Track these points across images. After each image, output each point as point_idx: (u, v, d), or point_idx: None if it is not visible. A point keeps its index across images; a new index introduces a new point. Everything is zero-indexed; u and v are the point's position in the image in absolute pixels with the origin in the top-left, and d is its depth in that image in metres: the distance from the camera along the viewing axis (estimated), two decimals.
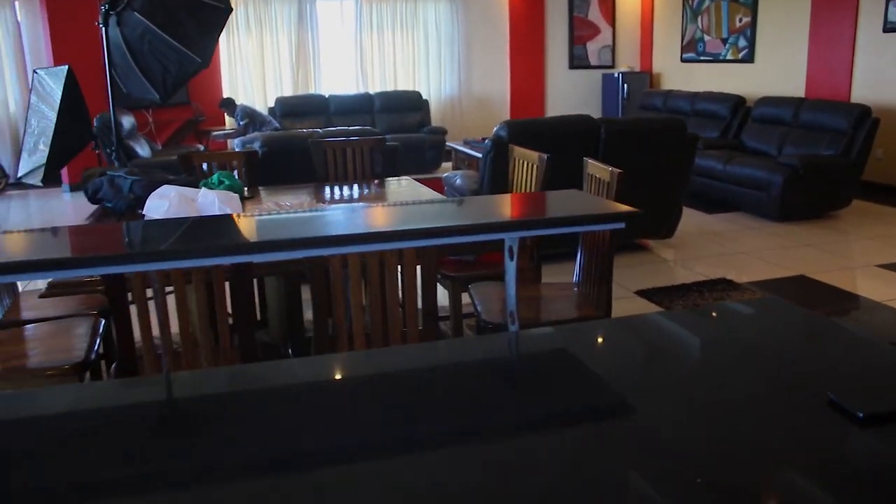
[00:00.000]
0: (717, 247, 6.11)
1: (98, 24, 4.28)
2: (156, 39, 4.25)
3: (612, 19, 11.44)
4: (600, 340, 1.71)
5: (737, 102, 8.44)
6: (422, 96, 10.30)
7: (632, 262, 5.65)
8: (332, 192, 3.97)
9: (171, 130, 9.67)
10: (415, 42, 10.69)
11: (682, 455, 1.19)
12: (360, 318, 2.23)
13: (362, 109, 9.90)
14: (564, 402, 1.42)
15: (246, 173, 4.09)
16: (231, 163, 4.12)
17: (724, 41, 9.84)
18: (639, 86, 10.88)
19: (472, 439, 1.29)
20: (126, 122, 7.83)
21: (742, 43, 9.51)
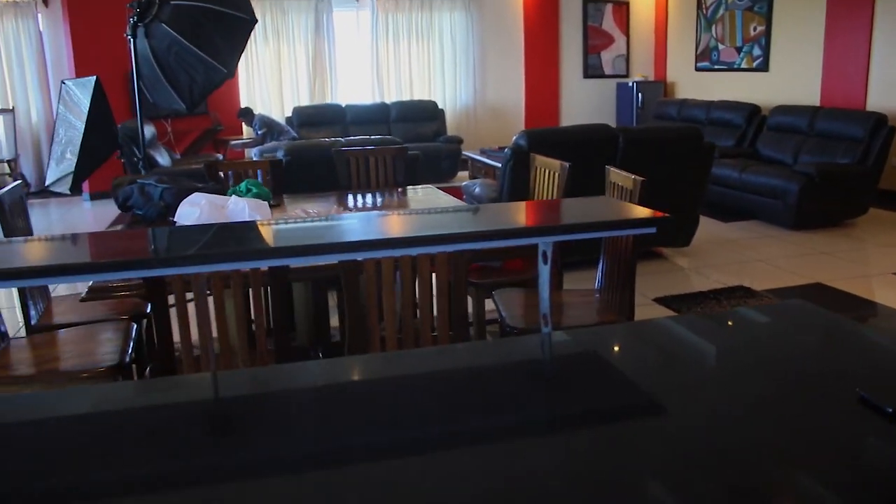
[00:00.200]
0: (734, 255, 6.13)
1: (126, 36, 4.37)
2: (183, 50, 4.34)
3: (626, 28, 11.50)
4: (632, 342, 1.76)
5: (752, 111, 8.47)
6: (437, 106, 10.38)
7: (649, 269, 5.68)
8: (356, 200, 4.03)
9: (189, 140, 9.78)
10: (430, 52, 10.78)
11: (716, 452, 1.24)
12: (393, 322, 2.29)
13: (378, 119, 9.99)
14: (600, 401, 1.47)
15: (271, 181, 4.16)
16: (256, 171, 4.19)
17: (738, 50, 9.88)
18: (653, 95, 10.92)
19: (510, 436, 1.34)
20: (147, 131, 7.93)
21: (757, 51, 9.54)
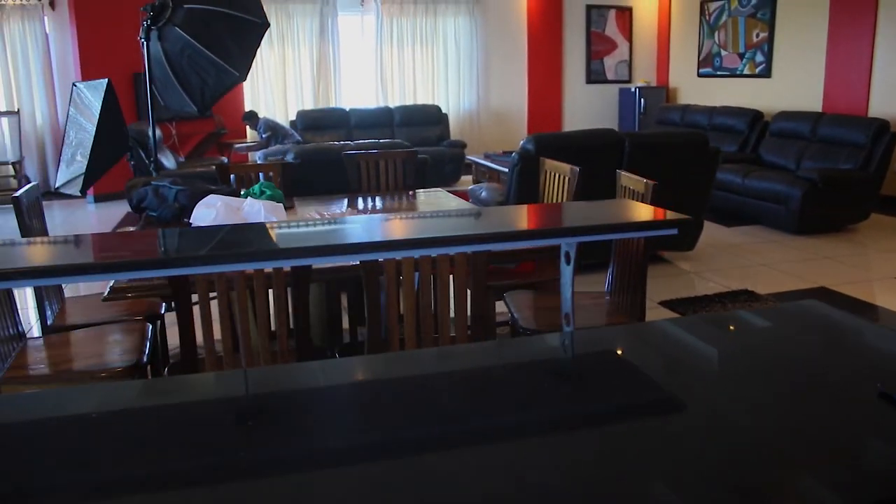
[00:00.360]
0: (737, 259, 6.18)
1: (140, 39, 4.41)
2: (195, 54, 4.38)
3: (629, 34, 11.56)
4: (652, 341, 1.79)
5: (754, 117, 8.53)
6: (441, 110, 10.43)
7: (654, 273, 5.71)
8: (368, 203, 4.07)
9: (193, 143, 9.81)
10: (434, 56, 10.83)
11: (739, 448, 1.28)
12: (412, 322, 2.33)
13: (382, 123, 10.03)
14: (625, 398, 1.51)
15: (281, 184, 4.20)
16: (267, 174, 4.23)
17: (741, 56, 9.94)
18: (655, 100, 10.98)
19: (537, 433, 1.38)
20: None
21: (759, 58, 9.60)
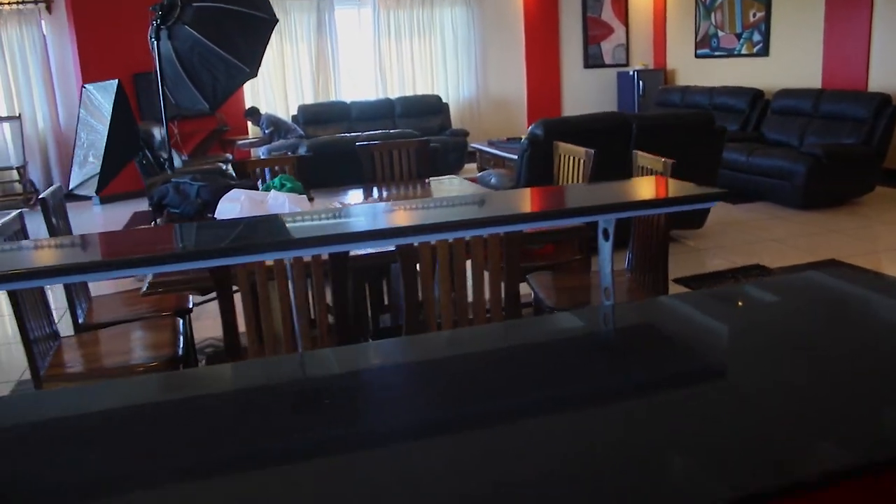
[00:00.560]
0: (745, 235, 6.23)
1: (150, 39, 4.44)
2: (206, 51, 4.41)
3: (625, 18, 11.58)
4: (688, 311, 1.84)
5: (755, 95, 8.57)
6: (441, 100, 10.46)
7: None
8: (382, 193, 4.11)
9: (196, 141, 9.83)
10: (432, 47, 10.85)
11: (788, 411, 1.32)
12: (449, 303, 2.37)
13: (384, 115, 10.06)
14: (672, 368, 1.56)
15: (297, 177, 4.23)
16: (283, 168, 4.27)
17: (738, 36, 9.96)
18: (654, 83, 11.01)
19: (587, 404, 1.43)
20: (157, 133, 8.00)
21: (756, 37, 9.63)
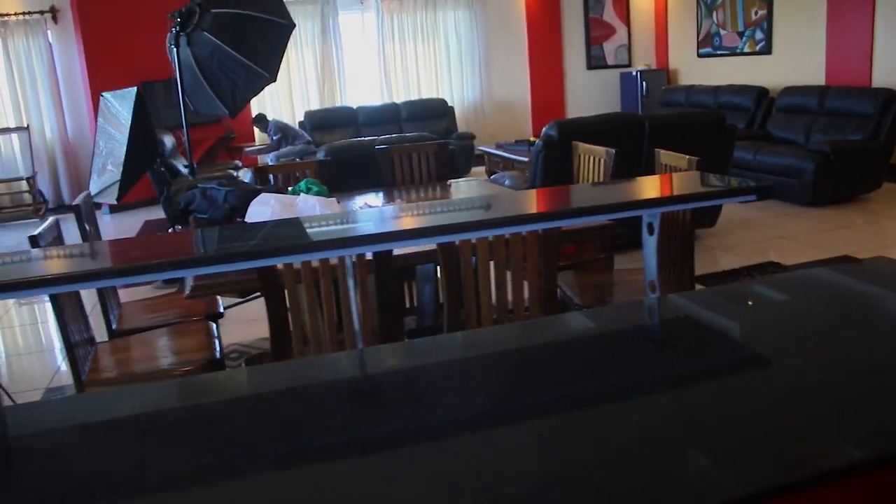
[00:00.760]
0: (756, 233, 6.28)
1: (169, 46, 4.49)
2: (225, 57, 4.46)
3: (626, 19, 11.65)
4: (723, 305, 1.88)
5: (760, 93, 8.63)
6: (447, 103, 10.51)
7: None
8: (403, 195, 4.15)
9: (203, 148, 9.87)
10: (436, 51, 10.92)
11: (828, 401, 1.37)
12: (489, 299, 2.42)
13: (390, 119, 10.11)
14: (718, 358, 1.60)
15: (319, 181, 4.28)
16: (304, 172, 4.31)
17: (740, 35, 10.02)
18: (657, 83, 11.07)
19: (641, 393, 1.47)
20: (167, 141, 8.05)
21: (759, 35, 9.69)
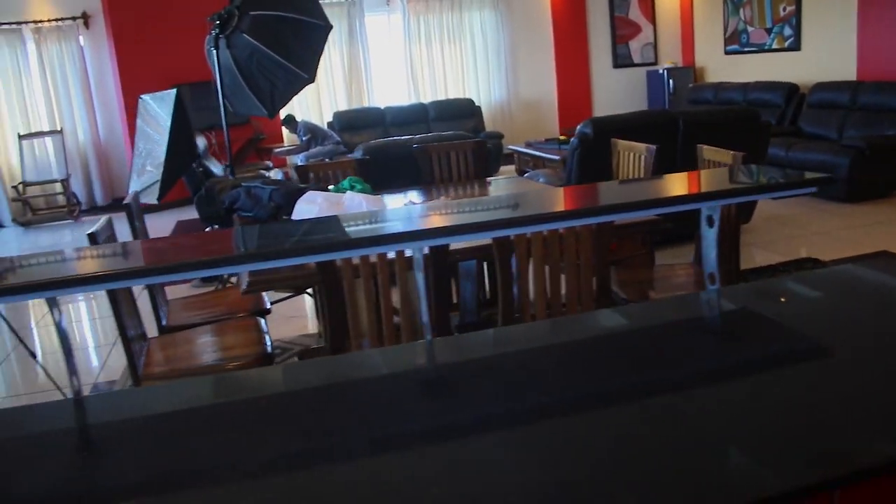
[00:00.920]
0: (791, 230, 6.25)
1: (209, 48, 4.55)
2: (264, 58, 4.51)
3: (652, 17, 11.62)
4: (785, 297, 1.89)
5: (790, 90, 8.58)
6: (474, 103, 10.54)
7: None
8: (445, 192, 4.18)
9: (233, 150, 9.95)
10: (462, 51, 10.95)
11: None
12: (543, 292, 2.44)
13: (417, 119, 10.15)
14: (786, 347, 1.61)
15: None
16: (344, 171, 4.35)
17: (768, 31, 9.96)
18: (683, 81, 11.03)
19: (709, 381, 1.49)
20: (200, 143, 8.13)
21: (787, 31, 9.63)
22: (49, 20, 9.63)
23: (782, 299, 1.86)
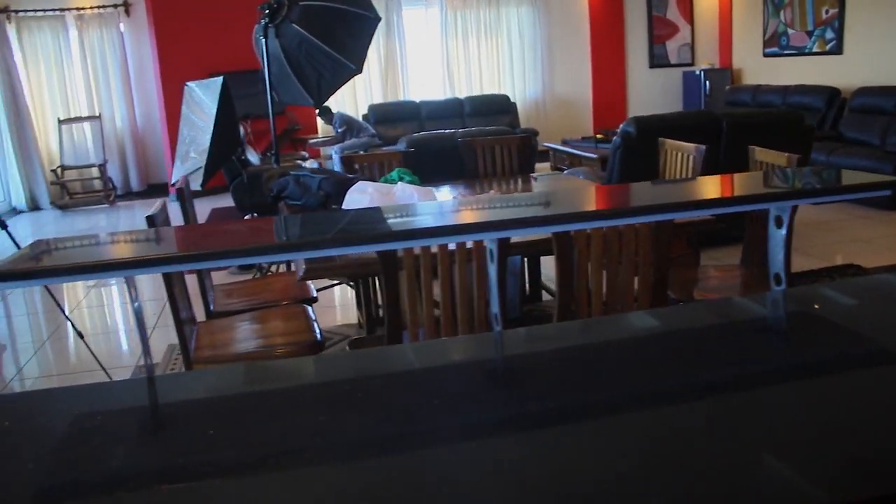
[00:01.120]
0: (830, 235, 6.18)
1: (258, 37, 4.57)
2: (312, 48, 4.53)
3: (690, 17, 11.53)
4: (850, 299, 1.87)
5: (832, 94, 8.48)
6: (509, 99, 10.52)
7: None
8: (493, 186, 4.18)
9: (268, 139, 10.02)
10: (499, 47, 10.93)
11: None
12: (600, 292, 2.44)
13: (452, 114, 10.16)
14: (845, 349, 1.60)
15: None
16: (389, 163, 4.36)
17: (809, 34, 9.85)
18: (720, 82, 10.94)
19: (769, 383, 1.48)
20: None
21: (829, 35, 9.52)
22: (91, 7, 9.74)
23: (844, 303, 1.84)
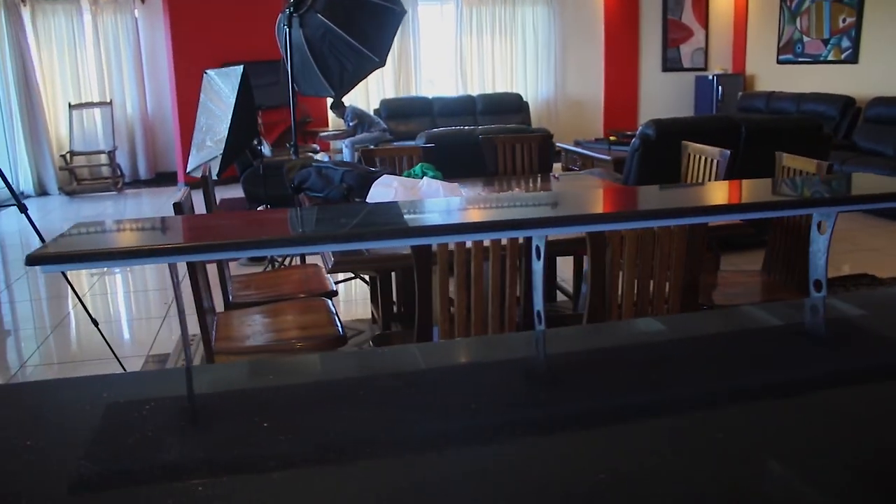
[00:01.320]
0: (843, 245, 6.16)
1: (282, 27, 4.55)
2: (336, 39, 4.51)
3: (705, 21, 11.50)
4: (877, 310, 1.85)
5: (846, 103, 8.46)
6: (522, 98, 10.50)
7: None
8: (514, 184, 4.16)
9: (279, 131, 10.01)
10: (513, 45, 10.91)
11: None
12: (631, 293, 2.42)
13: (465, 111, 10.14)
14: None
15: None
16: (410, 158, 4.34)
17: (825, 42, 9.83)
18: (733, 88, 10.91)
19: (816, 388, 1.46)
20: None
21: (845, 43, 9.49)
22: None
23: (876, 311, 1.83)
